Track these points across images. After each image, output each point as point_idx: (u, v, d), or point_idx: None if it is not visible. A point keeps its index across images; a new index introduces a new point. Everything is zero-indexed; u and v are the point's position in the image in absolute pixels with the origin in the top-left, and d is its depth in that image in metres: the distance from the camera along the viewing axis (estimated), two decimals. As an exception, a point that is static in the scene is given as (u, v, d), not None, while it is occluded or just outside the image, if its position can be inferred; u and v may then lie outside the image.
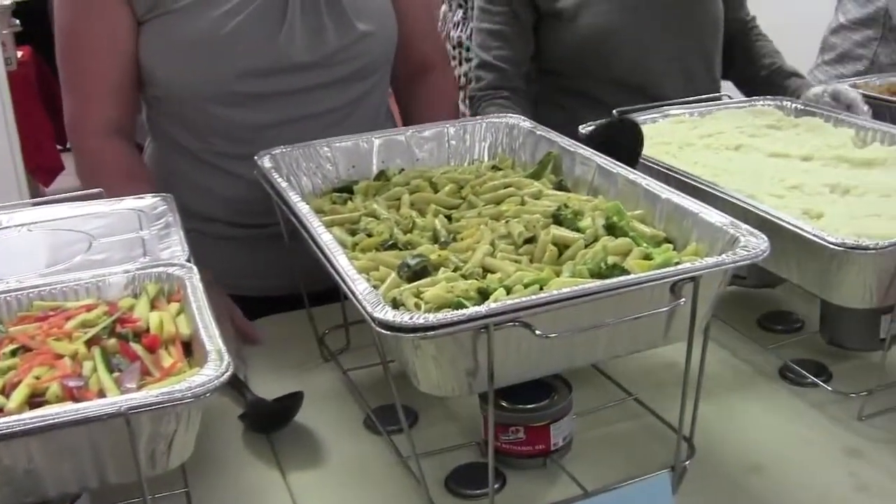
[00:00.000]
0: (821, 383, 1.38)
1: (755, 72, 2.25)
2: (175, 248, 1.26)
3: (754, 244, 1.09)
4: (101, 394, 0.98)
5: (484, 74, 2.15)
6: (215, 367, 0.96)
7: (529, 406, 1.20)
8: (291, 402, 1.34)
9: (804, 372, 1.40)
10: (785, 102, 1.84)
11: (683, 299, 1.06)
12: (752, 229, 1.12)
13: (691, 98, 1.86)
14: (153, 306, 1.15)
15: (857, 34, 2.53)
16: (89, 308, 1.14)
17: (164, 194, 1.43)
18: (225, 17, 1.60)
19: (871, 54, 2.49)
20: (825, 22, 2.68)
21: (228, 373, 0.95)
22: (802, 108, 1.81)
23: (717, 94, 1.94)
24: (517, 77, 2.13)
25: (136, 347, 1.06)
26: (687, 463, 1.18)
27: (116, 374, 1.01)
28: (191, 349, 1.08)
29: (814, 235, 1.20)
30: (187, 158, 1.74)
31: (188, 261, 1.22)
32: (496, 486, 1.18)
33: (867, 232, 1.23)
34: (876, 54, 2.48)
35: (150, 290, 1.17)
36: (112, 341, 1.07)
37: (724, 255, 1.08)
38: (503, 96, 2.11)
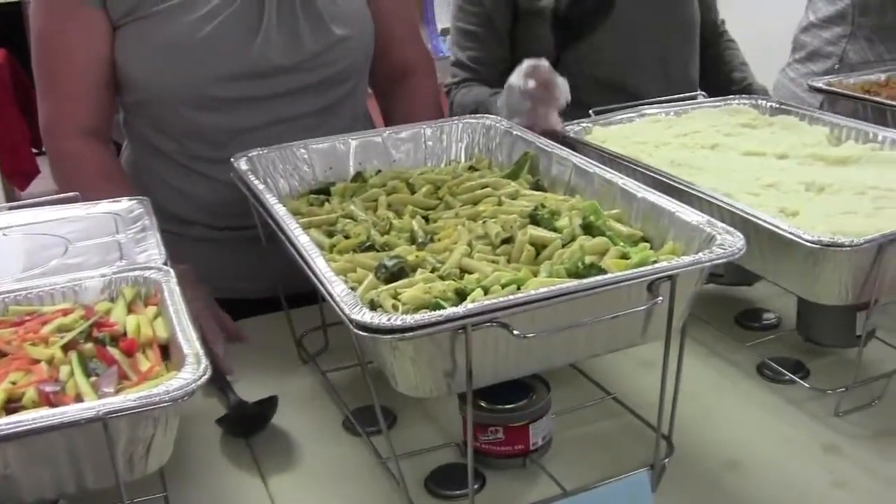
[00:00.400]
0: (798, 380, 1.38)
1: (725, 86, 2.26)
2: (152, 251, 1.26)
3: (730, 242, 1.09)
4: (79, 398, 0.97)
5: (458, 72, 2.17)
6: (193, 370, 0.95)
7: (508, 406, 1.20)
8: (268, 406, 1.34)
9: (781, 369, 1.41)
10: (760, 101, 1.85)
11: (661, 298, 1.06)
12: (728, 227, 1.13)
13: (667, 97, 1.87)
14: (130, 310, 1.14)
15: (827, 32, 2.54)
16: (66, 312, 1.13)
17: (140, 197, 1.42)
18: (201, 21, 1.60)
19: (839, 52, 2.50)
20: (798, 21, 2.69)
21: (206, 376, 0.95)
22: (777, 106, 1.82)
23: (693, 94, 1.95)
24: (491, 77, 2.13)
25: (114, 351, 1.06)
26: (666, 461, 1.18)
27: (93, 378, 1.01)
28: (168, 352, 1.08)
29: (790, 233, 1.21)
30: (164, 162, 1.73)
31: (165, 264, 1.21)
32: (476, 486, 1.18)
33: (842, 229, 1.24)
34: (845, 52, 2.49)
35: (127, 293, 1.17)
36: (89, 345, 1.06)
37: (700, 254, 1.09)
38: (475, 84, 2.12)
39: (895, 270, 1.23)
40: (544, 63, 1.70)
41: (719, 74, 2.29)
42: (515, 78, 1.72)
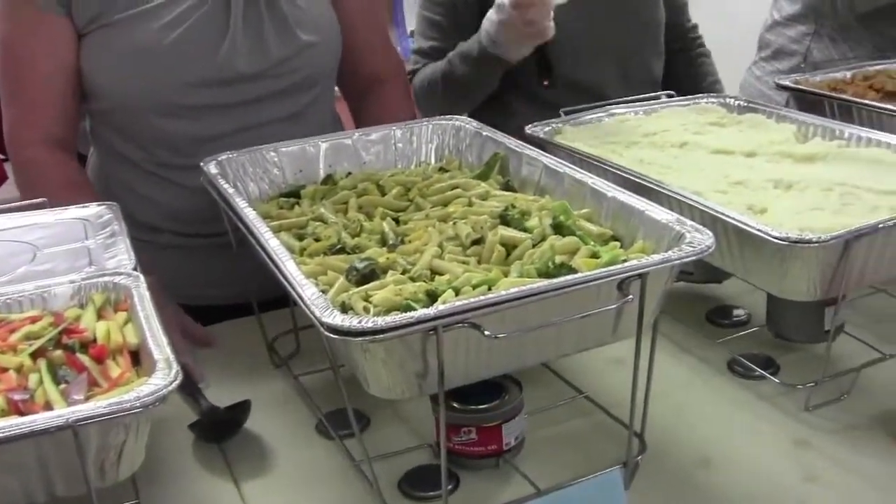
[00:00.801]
0: (768, 376, 1.39)
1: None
2: (121, 256, 1.25)
3: (700, 240, 1.10)
4: (48, 406, 0.97)
5: (419, 59, 2.16)
6: (164, 375, 0.95)
7: (481, 406, 1.20)
8: (241, 411, 1.33)
9: (752, 365, 1.42)
10: (728, 100, 1.86)
11: (631, 296, 1.06)
12: (697, 225, 1.13)
13: (634, 97, 1.87)
14: (100, 316, 1.14)
15: (791, 30, 2.56)
16: (34, 319, 1.12)
17: (109, 202, 1.41)
18: (167, 29, 1.59)
19: (803, 50, 2.52)
20: (764, 19, 2.71)
21: (177, 381, 0.94)
22: (745, 104, 1.83)
23: (660, 93, 1.96)
24: None
25: (83, 358, 1.05)
26: (638, 459, 1.19)
27: (63, 385, 1.00)
28: (139, 358, 1.07)
29: (758, 230, 1.22)
30: (132, 169, 1.72)
31: (135, 269, 1.20)
32: (449, 487, 1.18)
33: (810, 226, 1.25)
34: (809, 50, 2.51)
35: (97, 299, 1.16)
36: (58, 353, 1.06)
37: (670, 252, 1.09)
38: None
39: (862, 266, 1.24)
40: None
41: (694, 87, 2.28)
42: None
